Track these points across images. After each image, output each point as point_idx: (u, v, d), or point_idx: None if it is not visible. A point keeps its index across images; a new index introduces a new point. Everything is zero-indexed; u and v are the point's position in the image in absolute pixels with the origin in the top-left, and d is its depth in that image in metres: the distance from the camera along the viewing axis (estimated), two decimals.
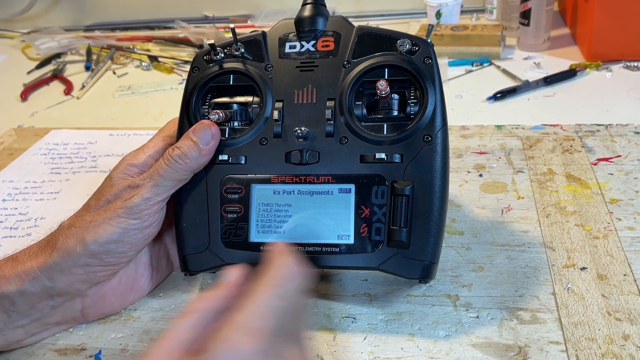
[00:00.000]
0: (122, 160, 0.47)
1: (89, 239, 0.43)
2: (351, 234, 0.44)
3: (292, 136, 0.46)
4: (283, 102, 0.47)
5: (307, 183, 0.45)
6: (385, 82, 0.44)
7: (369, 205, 0.44)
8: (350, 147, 0.45)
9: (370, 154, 0.45)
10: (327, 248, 0.45)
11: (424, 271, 0.44)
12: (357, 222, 0.44)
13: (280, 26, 0.50)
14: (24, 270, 0.43)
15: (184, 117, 0.48)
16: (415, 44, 0.46)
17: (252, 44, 0.49)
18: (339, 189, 0.45)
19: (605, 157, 0.63)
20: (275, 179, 0.46)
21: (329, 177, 0.45)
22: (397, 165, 0.44)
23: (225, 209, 0.46)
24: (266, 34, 0.50)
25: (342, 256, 0.44)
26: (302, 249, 0.45)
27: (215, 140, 0.46)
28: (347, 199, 0.45)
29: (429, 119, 0.44)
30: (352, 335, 0.45)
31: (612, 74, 0.84)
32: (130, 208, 0.43)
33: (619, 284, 0.47)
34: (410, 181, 0.44)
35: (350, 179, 0.45)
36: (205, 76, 0.49)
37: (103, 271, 0.45)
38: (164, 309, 0.49)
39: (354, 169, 0.45)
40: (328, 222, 0.45)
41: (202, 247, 0.46)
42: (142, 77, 1.02)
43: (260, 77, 0.48)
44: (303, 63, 0.48)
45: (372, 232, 0.44)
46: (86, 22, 1.32)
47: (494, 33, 0.93)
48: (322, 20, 0.49)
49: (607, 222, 0.53)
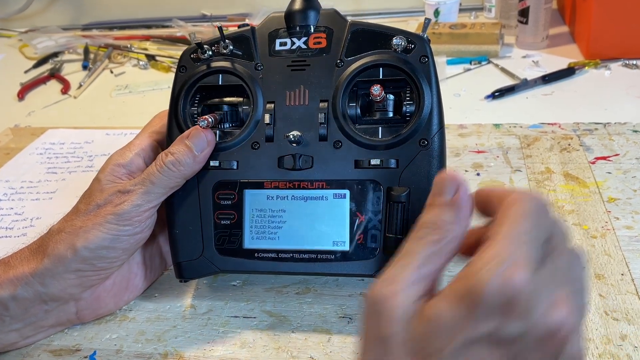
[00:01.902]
0: (108, 160, 0.46)
1: (79, 245, 0.42)
2: (347, 240, 0.44)
3: (284, 140, 0.45)
4: (274, 104, 0.46)
5: (301, 188, 0.45)
6: (380, 87, 0.43)
7: (364, 212, 0.44)
8: (344, 152, 0.44)
9: (365, 159, 0.44)
10: (323, 255, 0.44)
11: None
12: (353, 228, 0.44)
13: (270, 21, 0.48)
14: (16, 276, 0.43)
15: (172, 119, 0.47)
16: (411, 41, 0.45)
17: (241, 41, 0.48)
18: (334, 194, 0.44)
19: (604, 155, 0.63)
20: (269, 185, 0.45)
21: (323, 182, 0.44)
22: (392, 171, 0.43)
23: (218, 215, 0.46)
24: (255, 30, 0.48)
25: (338, 263, 0.44)
26: (298, 256, 0.44)
27: (210, 147, 0.45)
28: (342, 204, 0.44)
29: (425, 122, 0.43)
30: (348, 336, 0.44)
31: (611, 72, 0.84)
32: (121, 215, 0.42)
33: (617, 284, 0.46)
34: (406, 187, 0.43)
35: (345, 185, 0.44)
36: (193, 76, 0.47)
37: (95, 275, 0.44)
38: (159, 309, 0.49)
39: (348, 175, 0.44)
40: (323, 229, 0.44)
41: (196, 254, 0.46)
42: (140, 76, 1.02)
43: (250, 77, 0.46)
44: (294, 62, 0.46)
45: (367, 239, 0.44)
46: (83, 21, 1.32)
47: (492, 31, 0.93)
48: (313, 14, 0.47)
49: (605, 221, 0.53)
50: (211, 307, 0.48)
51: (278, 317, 0.47)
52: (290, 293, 0.49)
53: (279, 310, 0.47)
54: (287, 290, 0.49)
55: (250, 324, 0.46)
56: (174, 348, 0.45)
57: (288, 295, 0.48)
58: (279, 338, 0.45)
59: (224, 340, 0.45)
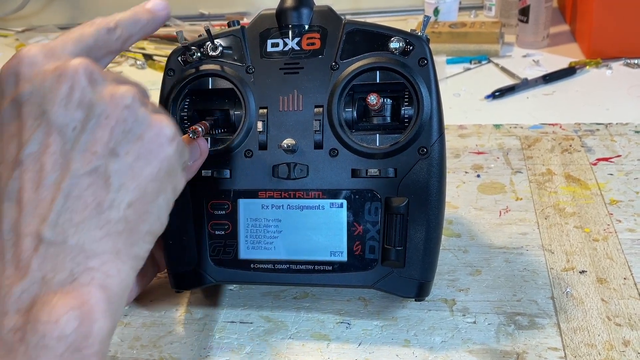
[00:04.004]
0: None
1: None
2: (344, 251, 0.43)
3: (278, 148, 0.43)
4: (267, 110, 0.44)
5: (296, 198, 0.44)
6: (377, 96, 0.41)
7: (362, 223, 0.43)
8: (340, 161, 0.43)
9: (362, 168, 0.43)
10: (320, 266, 0.43)
11: (419, 290, 0.43)
12: (351, 239, 0.43)
13: (260, 20, 0.46)
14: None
15: None
16: (410, 42, 0.43)
17: (231, 42, 0.46)
18: (330, 204, 0.43)
19: (605, 157, 0.62)
20: (263, 194, 0.44)
21: (319, 192, 0.43)
22: (390, 180, 0.42)
23: (212, 226, 0.45)
24: (245, 30, 0.45)
25: (335, 274, 0.43)
26: (295, 267, 0.44)
27: (203, 157, 0.42)
28: (339, 214, 0.43)
29: (425, 129, 0.42)
30: (346, 342, 0.44)
31: (612, 72, 0.83)
32: None
33: (619, 288, 0.46)
34: (405, 198, 0.42)
35: (342, 195, 0.43)
36: (182, 80, 0.45)
37: None
38: (154, 314, 0.48)
39: (345, 184, 0.43)
40: (320, 239, 0.43)
41: (190, 265, 0.45)
42: (137, 76, 1.01)
43: (242, 82, 0.44)
44: (287, 64, 0.44)
45: (366, 250, 0.43)
46: (81, 20, 1.28)
47: (492, 30, 0.92)
48: (306, 12, 0.44)
49: (607, 223, 0.52)
50: (207, 312, 0.48)
51: (275, 323, 0.46)
52: (287, 298, 0.48)
53: (276, 316, 0.46)
54: (284, 295, 0.48)
55: (247, 330, 0.45)
56: (169, 354, 0.44)
57: (285, 300, 0.48)
58: (276, 344, 0.44)
59: (220, 346, 0.44)
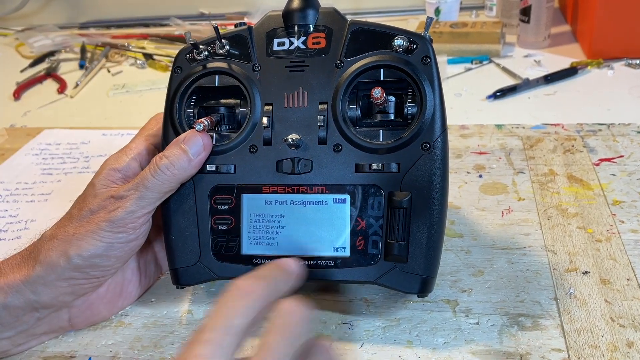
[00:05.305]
0: (103, 165, 0.45)
1: (72, 252, 0.41)
2: (347, 247, 0.43)
3: (282, 143, 0.44)
4: (272, 106, 0.45)
5: (300, 193, 0.44)
6: (381, 90, 0.42)
7: (365, 217, 0.43)
8: (344, 156, 0.43)
9: (365, 163, 0.43)
10: (323, 262, 0.43)
11: (422, 286, 0.42)
12: (353, 234, 0.43)
13: (267, 20, 0.47)
14: (7, 283, 0.42)
15: (168, 122, 0.46)
16: (413, 41, 0.43)
17: (238, 41, 0.46)
18: (334, 199, 0.43)
19: (608, 157, 0.62)
20: (267, 189, 0.44)
21: (322, 187, 0.43)
22: (394, 175, 0.42)
23: (215, 221, 0.45)
24: (252, 30, 0.46)
25: (338, 270, 0.43)
26: None
27: (207, 151, 0.44)
28: (342, 209, 0.43)
29: (428, 124, 0.42)
30: (349, 343, 0.43)
31: (614, 72, 0.83)
32: (114, 222, 0.41)
33: (623, 289, 0.45)
34: (408, 192, 0.42)
35: (345, 190, 0.43)
36: (189, 77, 0.46)
37: (89, 283, 0.43)
38: (155, 315, 0.48)
39: (348, 179, 0.43)
40: (323, 234, 0.43)
41: (193, 260, 0.45)
42: (137, 76, 1.01)
43: (248, 79, 0.45)
44: (292, 62, 0.45)
45: (368, 245, 0.43)
46: (80, 20, 1.31)
47: (493, 30, 0.92)
48: (312, 13, 0.46)
49: (610, 224, 0.52)
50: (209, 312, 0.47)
51: None
52: None
53: None
54: None
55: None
56: (170, 355, 0.44)
57: None
58: None
59: None
